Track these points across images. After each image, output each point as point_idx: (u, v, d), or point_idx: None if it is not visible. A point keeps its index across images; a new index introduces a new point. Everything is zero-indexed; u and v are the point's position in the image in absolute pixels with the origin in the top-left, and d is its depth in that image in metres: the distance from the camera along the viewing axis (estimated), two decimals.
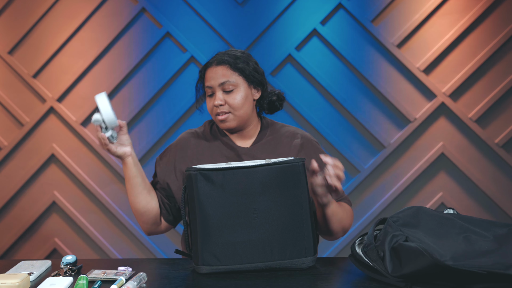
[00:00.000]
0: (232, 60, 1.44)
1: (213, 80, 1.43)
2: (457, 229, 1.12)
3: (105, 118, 1.24)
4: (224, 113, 1.43)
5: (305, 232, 1.19)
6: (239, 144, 1.48)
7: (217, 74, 1.43)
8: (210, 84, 1.44)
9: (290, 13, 2.72)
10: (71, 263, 1.27)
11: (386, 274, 1.08)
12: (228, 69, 1.43)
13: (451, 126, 2.71)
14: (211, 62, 1.46)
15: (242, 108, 1.43)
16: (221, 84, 1.42)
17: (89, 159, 2.79)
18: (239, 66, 1.44)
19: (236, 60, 1.44)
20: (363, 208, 2.74)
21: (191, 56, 2.73)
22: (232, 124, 1.44)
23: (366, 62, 2.71)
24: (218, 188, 1.18)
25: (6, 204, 2.81)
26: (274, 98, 1.53)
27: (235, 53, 1.47)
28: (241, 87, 1.44)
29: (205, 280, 1.15)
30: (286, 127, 1.54)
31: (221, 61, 1.44)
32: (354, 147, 2.74)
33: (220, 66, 1.44)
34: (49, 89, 2.77)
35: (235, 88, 1.43)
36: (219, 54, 1.48)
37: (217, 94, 1.43)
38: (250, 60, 1.48)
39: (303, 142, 1.49)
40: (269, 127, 1.52)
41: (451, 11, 2.67)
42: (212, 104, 1.44)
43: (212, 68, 1.45)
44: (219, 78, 1.43)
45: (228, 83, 1.42)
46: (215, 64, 1.45)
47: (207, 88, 1.46)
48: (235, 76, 1.44)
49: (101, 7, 2.75)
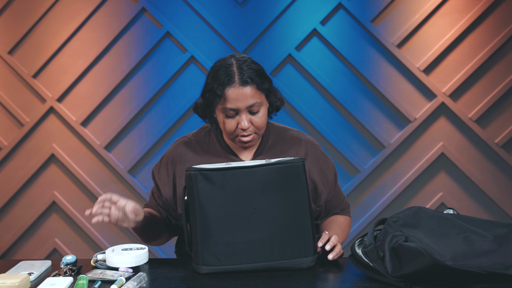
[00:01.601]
0: (257, 79, 1.33)
1: (240, 102, 1.31)
2: (457, 229, 1.12)
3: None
4: (250, 134, 1.35)
5: (305, 232, 1.19)
6: (242, 156, 1.43)
7: (245, 96, 1.31)
8: (236, 107, 1.31)
9: (290, 13, 2.72)
10: (71, 263, 1.27)
11: (386, 274, 1.08)
12: (255, 90, 1.32)
13: (451, 126, 2.71)
14: (231, 80, 1.31)
15: (265, 125, 1.38)
16: (249, 107, 1.32)
17: (89, 159, 2.79)
18: (265, 86, 1.35)
19: (261, 79, 1.34)
20: (363, 208, 2.74)
21: (191, 56, 2.73)
22: (255, 142, 1.40)
23: (366, 62, 2.71)
24: (218, 188, 1.18)
25: (6, 204, 2.81)
26: (278, 103, 1.46)
27: (253, 66, 1.34)
28: (264, 105, 1.37)
29: (205, 280, 1.15)
30: (289, 131, 1.50)
31: (245, 81, 1.31)
32: (354, 147, 2.74)
33: (247, 87, 1.31)
34: (49, 89, 2.77)
35: (260, 108, 1.34)
36: (234, 67, 1.33)
37: (243, 116, 1.32)
38: (266, 73, 1.38)
39: (307, 150, 1.46)
40: (271, 133, 1.47)
41: (451, 11, 2.67)
42: (235, 125, 1.34)
43: (236, 88, 1.30)
44: (247, 100, 1.31)
45: (257, 104, 1.33)
46: (239, 84, 1.31)
47: (228, 110, 1.32)
48: (261, 95, 1.34)
49: (101, 7, 2.75)
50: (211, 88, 1.34)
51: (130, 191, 2.79)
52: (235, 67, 1.33)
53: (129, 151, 2.77)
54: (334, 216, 1.54)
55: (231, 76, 1.31)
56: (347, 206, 1.58)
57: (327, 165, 1.49)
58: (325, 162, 1.49)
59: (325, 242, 1.26)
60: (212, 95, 1.33)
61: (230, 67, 1.33)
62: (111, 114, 2.77)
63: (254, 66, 1.35)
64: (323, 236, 1.28)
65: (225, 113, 1.33)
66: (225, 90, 1.31)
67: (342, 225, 1.50)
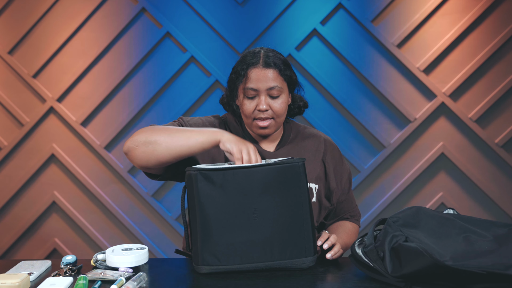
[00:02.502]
0: (281, 64, 1.38)
1: (261, 83, 1.35)
2: (457, 229, 1.12)
3: None
4: (267, 119, 1.37)
5: (305, 232, 1.19)
6: (265, 148, 1.46)
7: (266, 78, 1.35)
8: (257, 87, 1.35)
9: (290, 13, 2.72)
10: (71, 263, 1.27)
11: (386, 274, 1.08)
12: (277, 74, 1.37)
13: (451, 126, 2.71)
14: (255, 61, 1.37)
15: (284, 115, 1.40)
16: (269, 89, 1.36)
17: (89, 159, 2.79)
18: (287, 73, 1.39)
19: (284, 66, 1.38)
20: (363, 208, 2.74)
21: (191, 56, 2.73)
22: (272, 130, 1.41)
23: (366, 62, 2.71)
24: (218, 188, 1.17)
25: (6, 204, 2.81)
26: (301, 103, 1.50)
27: (279, 56, 1.40)
28: (285, 93, 1.39)
29: (205, 280, 1.15)
30: (308, 129, 1.54)
31: (269, 64, 1.36)
32: (354, 147, 2.74)
33: (269, 70, 1.36)
34: (49, 89, 2.77)
35: (280, 94, 1.37)
36: (261, 52, 1.39)
37: (262, 97, 1.36)
38: (291, 67, 1.43)
39: (326, 148, 1.51)
40: (292, 129, 1.51)
41: (451, 11, 2.67)
42: (254, 107, 1.37)
43: (259, 69, 1.36)
44: (268, 81, 1.35)
45: (277, 89, 1.36)
46: (262, 65, 1.36)
47: (249, 90, 1.36)
48: (282, 82, 1.38)
49: (101, 7, 2.75)
50: (236, 69, 1.40)
51: (130, 191, 2.79)
52: (261, 53, 1.39)
53: None
54: (343, 221, 1.55)
55: (256, 58, 1.38)
56: (358, 214, 1.59)
57: (343, 166, 1.54)
58: (340, 163, 1.54)
59: (324, 241, 1.27)
60: (236, 74, 1.39)
61: (258, 52, 1.40)
62: (111, 114, 2.77)
63: (280, 56, 1.41)
64: (323, 235, 1.29)
65: (245, 94, 1.37)
66: (248, 70, 1.37)
67: (348, 231, 1.50)
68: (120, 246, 1.28)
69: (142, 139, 1.28)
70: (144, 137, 1.28)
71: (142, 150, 1.28)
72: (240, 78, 1.38)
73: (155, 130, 1.30)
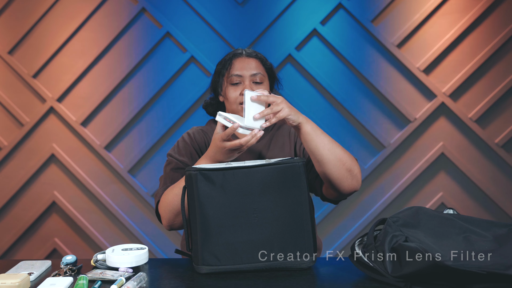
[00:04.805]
0: (262, 57, 1.54)
1: (245, 70, 1.49)
2: (457, 229, 1.12)
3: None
4: None
5: (305, 232, 1.19)
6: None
7: (249, 65, 1.50)
8: (241, 73, 1.49)
9: (290, 13, 2.72)
10: (71, 263, 1.27)
11: (386, 274, 1.08)
12: (259, 63, 1.53)
13: (451, 126, 2.71)
14: (239, 53, 1.53)
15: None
16: (252, 75, 1.49)
17: (89, 159, 2.79)
18: (268, 65, 1.55)
19: (265, 59, 1.55)
20: (363, 208, 2.74)
21: (191, 56, 2.73)
22: None
23: (366, 62, 2.71)
24: (218, 188, 1.18)
25: (6, 204, 2.81)
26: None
27: (260, 54, 1.56)
28: (266, 84, 1.53)
29: (205, 280, 1.15)
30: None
31: (250, 54, 1.53)
32: (354, 147, 2.74)
33: (252, 59, 1.52)
34: (49, 89, 2.77)
35: (263, 81, 1.51)
36: (242, 49, 1.55)
37: (246, 83, 1.48)
38: (272, 66, 1.59)
39: (290, 128, 1.59)
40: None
41: (451, 11, 2.67)
42: (239, 93, 1.48)
43: (243, 58, 1.52)
44: (252, 69, 1.50)
45: (260, 76, 1.50)
46: (245, 55, 1.53)
47: (234, 77, 1.49)
48: (264, 72, 1.53)
49: (101, 7, 2.75)
50: (220, 62, 1.55)
51: (130, 191, 2.79)
52: (244, 49, 1.56)
53: (129, 151, 2.77)
54: None
55: (240, 51, 1.55)
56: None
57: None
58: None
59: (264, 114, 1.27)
60: (221, 65, 1.53)
61: (240, 49, 1.57)
62: (111, 114, 2.77)
63: (261, 54, 1.57)
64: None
65: (230, 81, 1.50)
66: (232, 60, 1.52)
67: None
68: (120, 246, 1.28)
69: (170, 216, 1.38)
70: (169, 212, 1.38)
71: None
72: (225, 67, 1.52)
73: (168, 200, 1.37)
